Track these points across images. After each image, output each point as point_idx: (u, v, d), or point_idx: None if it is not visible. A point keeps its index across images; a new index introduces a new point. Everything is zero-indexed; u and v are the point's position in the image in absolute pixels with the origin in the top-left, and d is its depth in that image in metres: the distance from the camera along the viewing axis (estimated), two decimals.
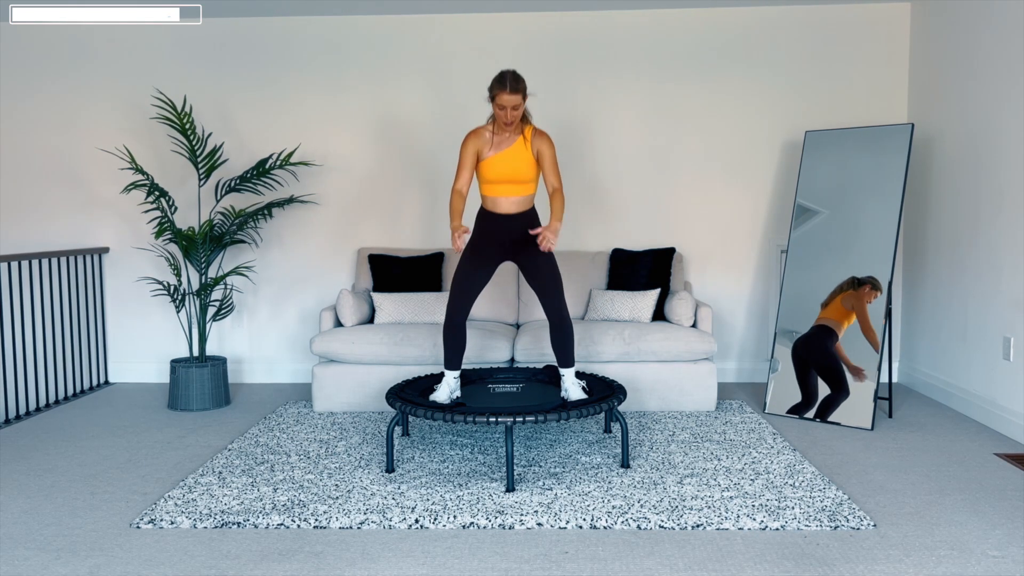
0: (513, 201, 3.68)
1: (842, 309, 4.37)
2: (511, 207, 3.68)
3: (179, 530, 2.95)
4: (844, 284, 4.38)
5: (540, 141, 3.65)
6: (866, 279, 4.30)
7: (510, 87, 3.49)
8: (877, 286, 4.27)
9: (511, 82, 3.50)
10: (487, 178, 3.67)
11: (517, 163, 3.61)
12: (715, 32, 5.21)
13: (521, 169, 3.63)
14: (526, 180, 3.66)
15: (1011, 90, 4.02)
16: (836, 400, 4.27)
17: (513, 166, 3.61)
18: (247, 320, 5.46)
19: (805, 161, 4.77)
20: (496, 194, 3.67)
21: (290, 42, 5.30)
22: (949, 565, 2.63)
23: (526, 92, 3.54)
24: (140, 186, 4.72)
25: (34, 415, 4.65)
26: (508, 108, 3.51)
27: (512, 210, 3.69)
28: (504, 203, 3.68)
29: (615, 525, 2.94)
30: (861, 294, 4.29)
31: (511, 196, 3.67)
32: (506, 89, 3.48)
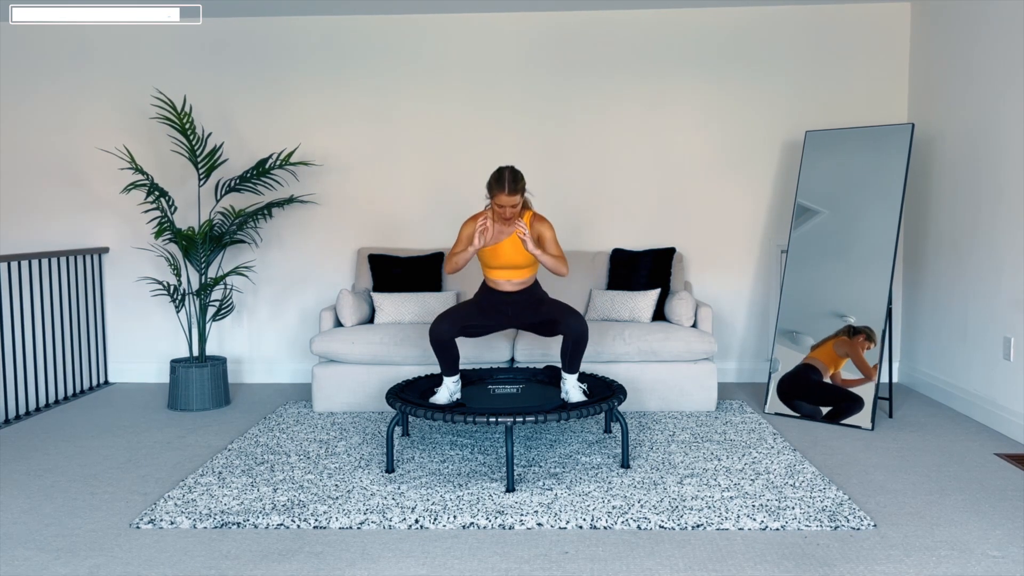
0: (514, 283, 3.75)
1: (834, 355, 4.36)
2: (513, 287, 3.75)
3: (179, 530, 2.95)
4: (839, 331, 4.38)
5: (540, 226, 3.68)
6: (861, 328, 4.30)
7: (508, 189, 3.52)
8: (872, 337, 4.26)
9: (509, 184, 3.52)
10: (488, 263, 3.73)
11: (517, 251, 3.66)
12: (715, 32, 5.21)
13: (521, 257, 3.67)
14: (527, 265, 3.72)
15: (1011, 90, 4.02)
16: (849, 409, 4.24)
17: (513, 254, 3.67)
18: (247, 320, 5.46)
19: (805, 161, 4.77)
20: (497, 277, 3.74)
21: (290, 42, 5.30)
22: (949, 565, 2.63)
23: (525, 190, 3.59)
24: (140, 186, 4.72)
25: (34, 415, 4.64)
26: (507, 207, 3.56)
27: (514, 288, 3.76)
28: (506, 284, 3.75)
29: (615, 525, 2.94)
30: (855, 343, 4.29)
31: (512, 279, 3.73)
32: (504, 191, 3.52)
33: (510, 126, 5.30)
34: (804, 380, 4.43)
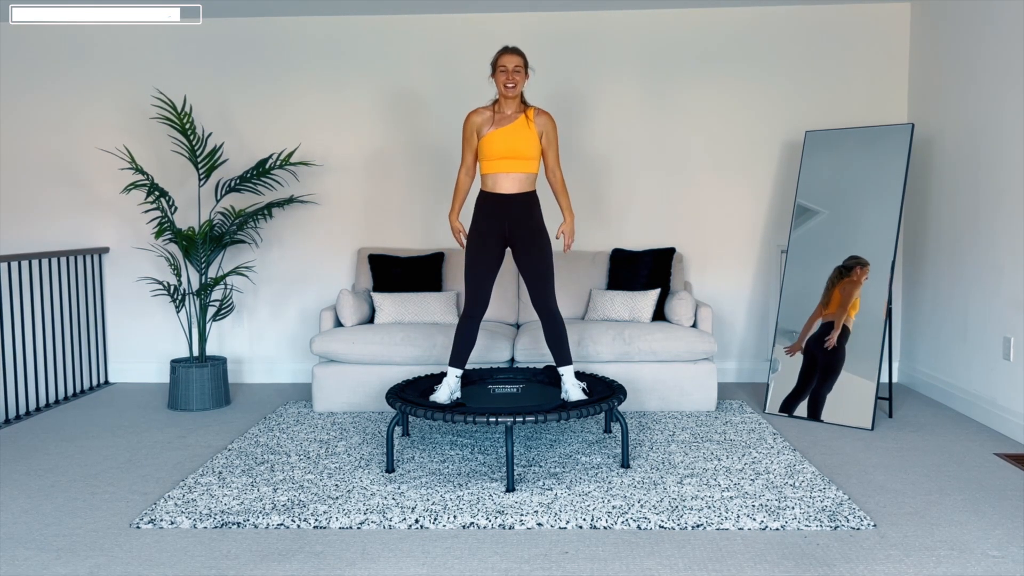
0: (514, 179, 3.67)
1: (843, 300, 4.38)
2: (512, 185, 3.67)
3: (179, 530, 2.95)
4: (833, 277, 4.39)
5: (544, 119, 3.72)
6: (850, 263, 4.31)
7: (511, 49, 3.67)
8: (863, 262, 4.28)
9: (512, 47, 3.69)
10: (487, 154, 3.67)
11: (519, 139, 3.63)
12: (715, 32, 5.21)
13: (522, 145, 3.64)
14: (527, 157, 3.66)
15: (1011, 90, 4.02)
16: (821, 393, 4.27)
17: (514, 142, 3.63)
18: (247, 320, 5.46)
19: (805, 161, 4.77)
20: (496, 170, 3.66)
21: (290, 42, 5.30)
22: (949, 565, 2.63)
23: (527, 61, 3.68)
24: (140, 186, 4.72)
25: (34, 415, 4.65)
26: (510, 69, 3.60)
27: (512, 189, 3.68)
28: (504, 181, 3.67)
29: (615, 525, 2.94)
30: (855, 279, 4.30)
31: (512, 172, 3.66)
32: (507, 51, 3.65)
33: None
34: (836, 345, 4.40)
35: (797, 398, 4.43)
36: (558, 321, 3.71)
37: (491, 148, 3.65)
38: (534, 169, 3.71)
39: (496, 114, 3.68)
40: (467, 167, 3.80)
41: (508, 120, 3.65)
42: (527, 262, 3.71)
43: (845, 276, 4.36)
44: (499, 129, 3.64)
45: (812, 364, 4.44)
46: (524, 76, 3.66)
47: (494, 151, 3.64)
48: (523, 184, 3.69)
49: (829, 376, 4.34)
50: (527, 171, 3.68)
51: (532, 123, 3.66)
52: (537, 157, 3.71)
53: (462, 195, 3.86)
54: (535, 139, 3.67)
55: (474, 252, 3.72)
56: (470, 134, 3.72)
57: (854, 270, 4.31)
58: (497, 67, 3.65)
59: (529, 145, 3.65)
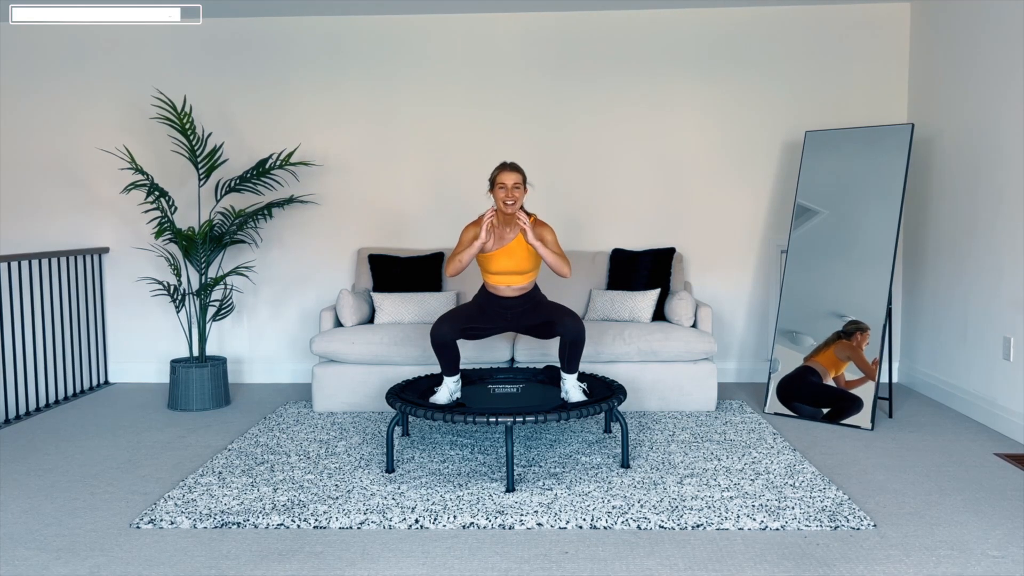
0: (515, 288, 3.73)
1: (835, 359, 4.36)
2: (513, 292, 3.74)
3: (179, 530, 2.95)
4: (831, 338, 4.38)
5: (541, 229, 3.67)
6: (850, 327, 4.30)
7: (510, 166, 3.62)
8: (864, 328, 4.27)
9: (511, 163, 3.64)
10: (488, 269, 3.71)
11: (519, 257, 3.66)
12: (715, 32, 5.21)
13: (524, 262, 3.67)
14: (528, 271, 3.71)
15: (1011, 90, 4.02)
16: (848, 409, 4.25)
17: (515, 260, 3.66)
18: (247, 320, 5.46)
19: (805, 161, 4.77)
20: (498, 283, 3.72)
21: (290, 42, 5.30)
22: (949, 565, 2.63)
23: (525, 177, 3.64)
24: (140, 186, 4.72)
25: (34, 415, 4.65)
26: (509, 186, 3.57)
27: (515, 295, 3.75)
28: (506, 290, 3.73)
29: (615, 525, 2.94)
30: (854, 343, 4.29)
31: (513, 284, 3.72)
32: (506, 168, 3.61)
33: (510, 126, 5.30)
34: (803, 382, 4.43)
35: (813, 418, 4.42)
36: (582, 341, 3.65)
37: (493, 265, 3.68)
38: (535, 277, 3.78)
39: (496, 229, 3.67)
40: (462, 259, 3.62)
41: (508, 238, 3.67)
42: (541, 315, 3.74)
43: (843, 339, 4.34)
44: (500, 249, 3.66)
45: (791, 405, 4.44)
46: (523, 192, 3.63)
47: (496, 268, 3.68)
48: (524, 289, 3.75)
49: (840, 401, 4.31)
50: (528, 281, 3.74)
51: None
52: (537, 267, 3.75)
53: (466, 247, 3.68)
54: (534, 253, 3.66)
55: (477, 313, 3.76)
56: (469, 239, 3.65)
57: (854, 336, 4.30)
58: (496, 183, 3.62)
59: (529, 260, 3.68)
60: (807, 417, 4.36)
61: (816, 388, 4.38)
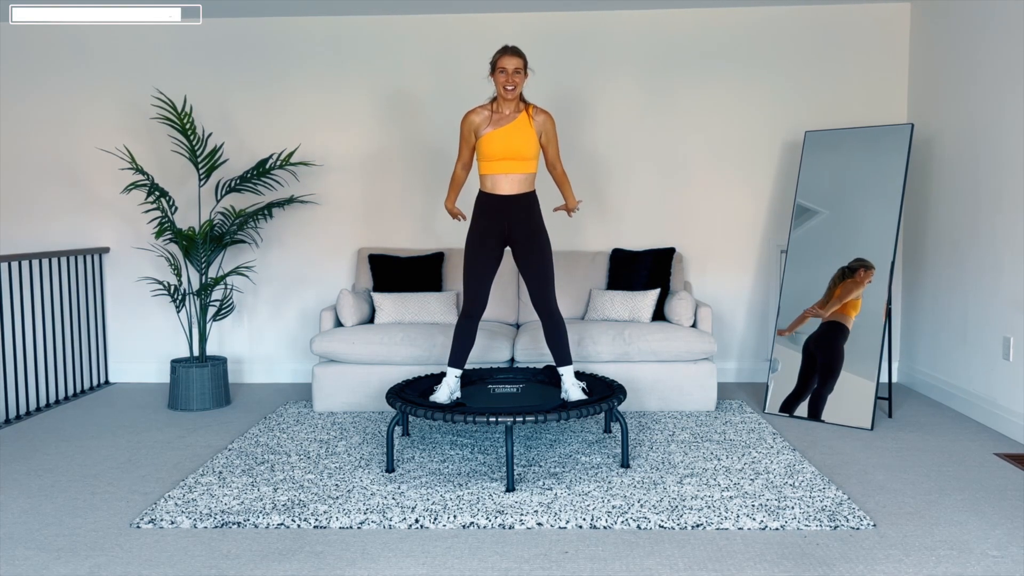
0: (513, 179, 3.64)
1: (840, 296, 4.38)
2: (511, 186, 3.65)
3: (179, 530, 2.95)
4: (836, 277, 4.39)
5: (542, 117, 3.69)
6: (855, 264, 4.31)
7: (511, 51, 3.62)
8: (867, 265, 4.28)
9: (512, 48, 3.64)
10: (486, 155, 3.64)
11: (518, 139, 3.60)
12: (715, 32, 5.21)
13: (522, 145, 3.61)
14: (527, 157, 3.64)
15: (1011, 90, 4.02)
16: (822, 394, 4.28)
17: (514, 142, 3.60)
18: (247, 320, 5.47)
19: (805, 161, 4.77)
20: (495, 171, 3.64)
21: (290, 42, 5.30)
22: (949, 565, 2.63)
23: (527, 62, 3.64)
24: (140, 186, 4.72)
25: (34, 415, 4.65)
26: (509, 71, 3.57)
27: (512, 190, 3.65)
28: (503, 182, 3.64)
29: (615, 525, 2.94)
30: (858, 280, 4.30)
31: (511, 174, 3.63)
32: (507, 52, 3.61)
33: None
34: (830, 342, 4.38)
35: (798, 398, 4.43)
36: (558, 321, 3.71)
37: (490, 148, 3.62)
38: (533, 169, 3.70)
39: (495, 114, 3.66)
40: (464, 163, 3.82)
41: (507, 120, 3.63)
42: (527, 263, 3.70)
43: (848, 276, 4.35)
44: (498, 129, 3.61)
45: (811, 364, 4.44)
46: (524, 77, 3.64)
47: (493, 152, 3.62)
48: (522, 185, 3.67)
49: (829, 377, 4.34)
50: (526, 171, 3.66)
51: (531, 122, 3.64)
52: (536, 157, 3.70)
53: (458, 186, 3.89)
54: (534, 138, 3.65)
55: (473, 251, 3.71)
56: (468, 133, 3.70)
57: (858, 271, 4.31)
58: (496, 67, 3.62)
59: (528, 145, 3.63)
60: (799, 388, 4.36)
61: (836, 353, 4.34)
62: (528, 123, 3.63)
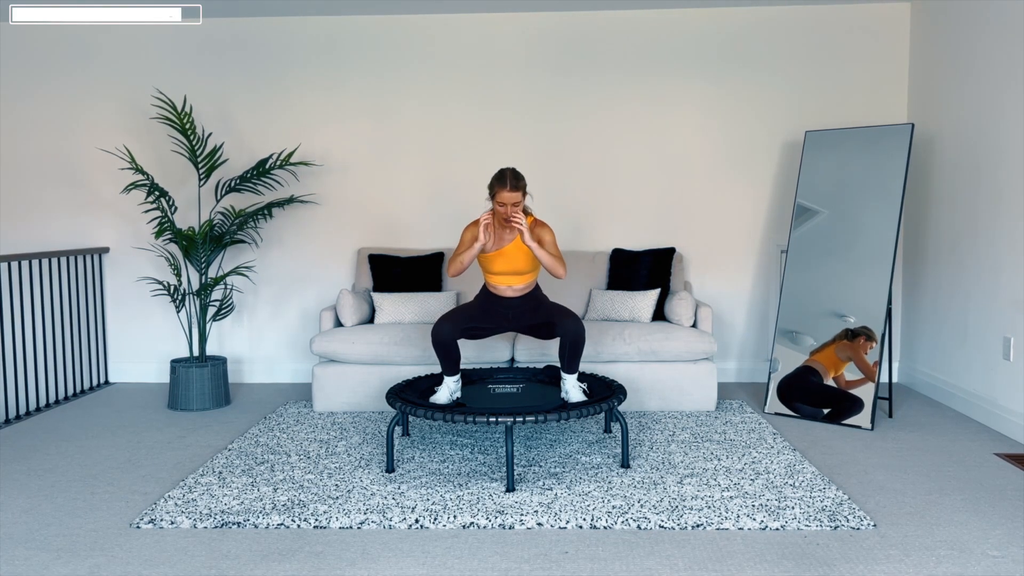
0: (516, 288, 3.73)
1: (835, 359, 4.36)
2: (514, 292, 3.74)
3: (179, 530, 2.95)
4: (838, 335, 4.37)
5: (540, 230, 3.66)
6: (860, 330, 4.30)
7: (510, 185, 3.54)
8: (872, 336, 4.26)
9: (511, 180, 3.55)
10: (489, 269, 3.72)
11: (518, 258, 3.66)
12: (715, 32, 5.21)
13: (523, 263, 3.67)
14: (528, 271, 3.72)
15: (1011, 90, 4.02)
16: (849, 410, 4.24)
17: (514, 261, 3.66)
18: (247, 320, 5.46)
19: (805, 161, 4.77)
20: (499, 283, 3.73)
21: (290, 42, 5.30)
22: (949, 565, 2.63)
23: (526, 189, 3.60)
24: (140, 186, 4.72)
25: (34, 415, 4.64)
26: (508, 205, 3.55)
27: (515, 295, 3.75)
28: (507, 290, 3.74)
29: (615, 525, 2.94)
30: (856, 345, 4.29)
31: (513, 285, 3.72)
32: (506, 187, 3.54)
33: (510, 126, 5.30)
34: (804, 382, 4.43)
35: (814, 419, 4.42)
36: (582, 342, 3.67)
37: (493, 266, 3.69)
38: (535, 277, 3.78)
39: (496, 230, 3.67)
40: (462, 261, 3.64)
41: (508, 239, 3.67)
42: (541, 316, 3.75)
43: (848, 339, 4.34)
44: (500, 251, 3.66)
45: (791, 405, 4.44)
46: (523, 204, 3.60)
47: (495, 268, 3.69)
48: (525, 289, 3.76)
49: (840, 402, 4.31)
50: (528, 281, 3.75)
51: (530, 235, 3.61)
52: (537, 267, 3.75)
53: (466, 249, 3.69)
54: (533, 254, 3.64)
55: (478, 313, 3.76)
56: (469, 240, 3.66)
57: (859, 338, 4.29)
58: (495, 199, 3.59)
59: (528, 262, 3.68)
60: (807, 417, 4.36)
61: (816, 388, 4.38)
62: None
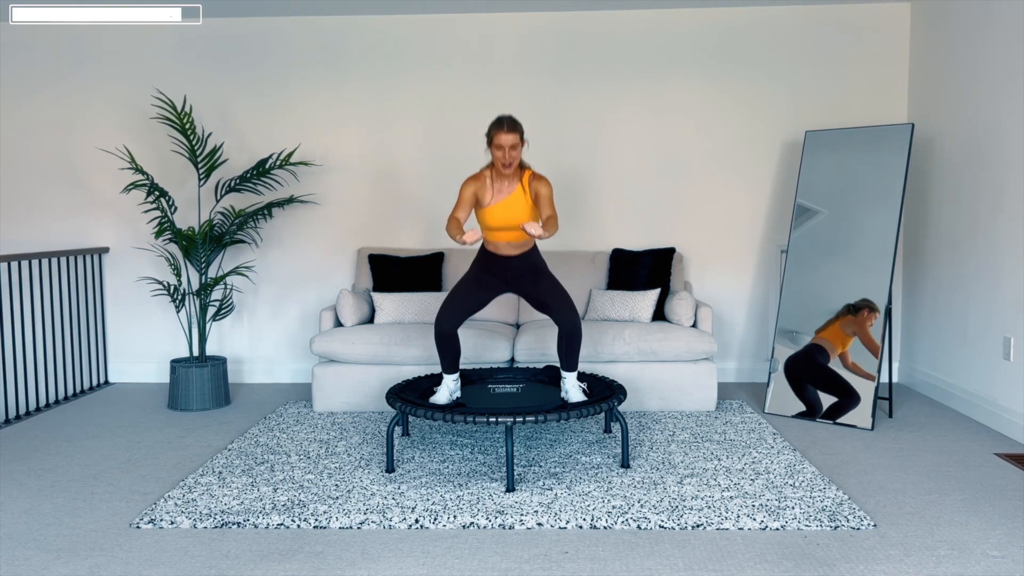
0: (514, 245, 3.72)
1: (841, 335, 4.36)
2: (512, 249, 3.72)
3: (179, 530, 2.95)
4: (840, 312, 4.38)
5: (538, 183, 3.64)
6: (861, 303, 4.30)
7: (507, 127, 3.54)
8: (874, 308, 4.26)
9: (508, 123, 3.55)
10: (488, 225, 3.69)
11: (517, 210, 3.64)
12: (715, 32, 5.21)
13: (521, 216, 3.64)
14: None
15: (1011, 90, 4.02)
16: (847, 406, 4.25)
17: (513, 213, 3.64)
18: (247, 320, 5.46)
19: (805, 161, 4.77)
20: (497, 239, 3.70)
21: (290, 42, 5.30)
22: (949, 565, 2.63)
23: (523, 134, 3.60)
24: (140, 186, 4.72)
25: (34, 415, 4.64)
26: (506, 148, 3.54)
27: (513, 252, 3.73)
28: (505, 247, 3.72)
29: (615, 525, 2.94)
30: (860, 319, 4.30)
31: (512, 241, 3.70)
32: (503, 128, 3.53)
33: None
34: (812, 362, 4.41)
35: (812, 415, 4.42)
36: (579, 335, 3.68)
37: (491, 220, 3.66)
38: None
39: (494, 183, 3.65)
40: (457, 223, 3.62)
41: (506, 191, 3.64)
42: (539, 290, 3.73)
43: (851, 314, 4.34)
44: (497, 204, 3.64)
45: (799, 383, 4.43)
46: (520, 149, 3.60)
47: (493, 223, 3.66)
48: (523, 246, 3.74)
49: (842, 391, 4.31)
50: (526, 237, 3.71)
51: (527, 190, 3.62)
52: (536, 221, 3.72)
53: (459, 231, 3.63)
54: (532, 207, 3.65)
55: (471, 285, 3.75)
56: (468, 197, 3.65)
57: (862, 311, 4.30)
58: (493, 143, 3.58)
59: (527, 215, 3.66)
60: (808, 407, 4.36)
61: (823, 371, 4.36)
62: (524, 194, 3.61)
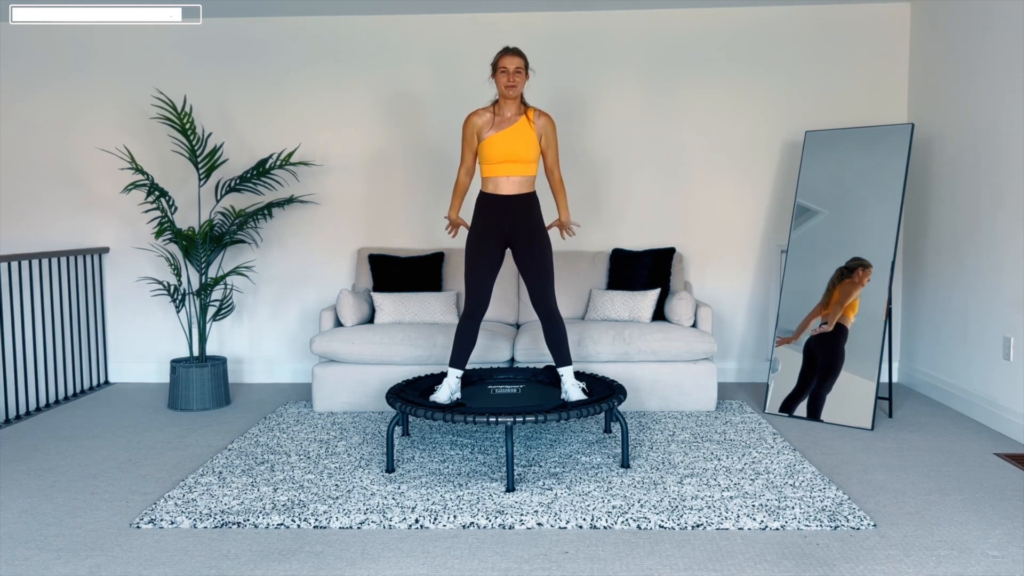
0: (514, 181, 3.68)
1: (840, 299, 4.38)
2: (512, 188, 3.69)
3: (179, 530, 2.95)
4: (834, 278, 4.39)
5: (543, 120, 3.71)
6: (853, 263, 4.31)
7: (512, 50, 3.65)
8: (865, 264, 4.28)
9: (513, 48, 3.67)
10: (488, 158, 3.67)
11: (519, 142, 3.63)
12: (715, 32, 5.21)
13: (523, 148, 3.64)
14: (528, 160, 3.68)
15: (1011, 90, 4.02)
16: (820, 393, 4.28)
17: (515, 145, 3.63)
18: (247, 320, 5.46)
19: (805, 161, 4.77)
20: (497, 174, 3.67)
21: (290, 42, 5.30)
22: (949, 565, 2.63)
23: (528, 63, 3.66)
24: (140, 186, 4.72)
25: (34, 415, 4.65)
26: (511, 71, 3.58)
27: (513, 191, 3.69)
28: (505, 184, 3.68)
29: (615, 525, 2.94)
30: (856, 280, 4.31)
31: (512, 176, 3.66)
32: (508, 52, 3.63)
33: None
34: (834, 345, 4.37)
35: (797, 398, 4.43)
36: (558, 321, 3.72)
37: (492, 151, 3.65)
38: (534, 171, 3.74)
39: (496, 116, 3.69)
40: (467, 168, 3.83)
41: (508, 123, 3.66)
42: (527, 262, 3.72)
43: (846, 277, 4.36)
44: (499, 133, 3.64)
45: (811, 364, 4.44)
46: (525, 77, 3.67)
47: (494, 154, 3.65)
48: (523, 186, 3.71)
49: (828, 376, 4.34)
50: (527, 174, 3.70)
51: (532, 125, 3.67)
52: (537, 159, 3.74)
53: (462, 193, 3.91)
54: (535, 141, 3.69)
55: (474, 252, 3.73)
56: (470, 135, 3.73)
57: (856, 271, 4.31)
58: (498, 68, 3.65)
59: (529, 147, 3.66)
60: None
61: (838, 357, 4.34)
62: (529, 126, 3.66)
